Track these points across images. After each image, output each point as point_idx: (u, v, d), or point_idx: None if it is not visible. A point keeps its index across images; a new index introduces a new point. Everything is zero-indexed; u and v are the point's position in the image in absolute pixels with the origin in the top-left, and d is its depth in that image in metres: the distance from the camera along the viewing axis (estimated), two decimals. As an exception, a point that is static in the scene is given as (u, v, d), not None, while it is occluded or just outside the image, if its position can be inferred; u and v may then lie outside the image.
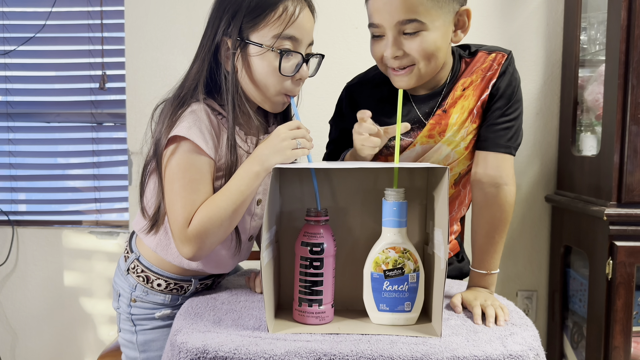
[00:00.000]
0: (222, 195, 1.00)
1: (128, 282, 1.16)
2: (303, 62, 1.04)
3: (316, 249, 0.93)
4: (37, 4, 2.12)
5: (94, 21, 2.11)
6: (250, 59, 1.03)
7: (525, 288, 2.06)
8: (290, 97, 1.08)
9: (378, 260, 0.93)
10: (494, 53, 1.15)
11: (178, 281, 1.15)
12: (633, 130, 1.57)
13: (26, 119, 2.18)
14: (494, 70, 1.13)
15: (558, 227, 1.98)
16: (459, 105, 1.14)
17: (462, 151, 1.17)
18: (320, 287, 0.94)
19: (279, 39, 1.01)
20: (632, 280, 1.59)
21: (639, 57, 1.56)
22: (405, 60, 1.07)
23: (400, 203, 0.93)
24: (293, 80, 1.05)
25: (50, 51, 2.15)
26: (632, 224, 1.59)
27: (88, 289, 2.14)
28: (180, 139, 1.00)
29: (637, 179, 1.59)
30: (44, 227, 2.14)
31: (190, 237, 0.99)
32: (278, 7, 1.00)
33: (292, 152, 0.98)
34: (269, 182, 0.89)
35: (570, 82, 1.91)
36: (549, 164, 2.01)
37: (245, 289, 1.18)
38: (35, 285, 2.15)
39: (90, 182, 2.19)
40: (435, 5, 1.02)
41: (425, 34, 1.03)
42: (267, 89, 1.05)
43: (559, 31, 1.97)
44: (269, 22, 1.00)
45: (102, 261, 2.13)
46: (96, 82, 2.14)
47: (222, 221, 0.99)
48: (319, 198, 0.99)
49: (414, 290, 0.94)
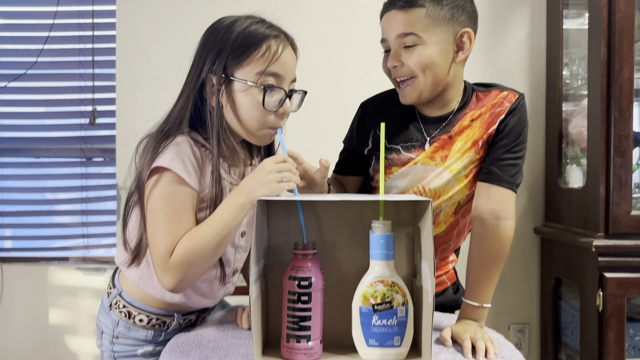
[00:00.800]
0: (206, 226, 0.99)
1: (111, 318, 1.14)
2: (286, 97, 1.06)
3: (304, 283, 0.92)
4: (30, 41, 2.14)
5: (86, 58, 2.14)
6: (234, 94, 1.05)
7: (517, 321, 2.05)
8: (276, 130, 1.09)
9: (366, 294, 0.93)
10: (507, 92, 1.19)
11: (160, 316, 1.13)
12: (617, 163, 1.60)
13: (15, 154, 2.18)
14: (504, 107, 1.16)
15: (548, 258, 1.98)
16: (464, 134, 1.17)
17: (462, 179, 1.19)
18: (308, 322, 0.93)
19: (262, 75, 1.03)
20: (622, 312, 1.59)
21: (619, 91, 1.60)
22: (404, 71, 1.13)
23: (388, 235, 0.93)
24: (276, 115, 1.07)
25: (41, 87, 2.16)
26: (620, 255, 1.60)
27: (73, 327, 2.10)
28: (163, 170, 1.01)
29: (623, 211, 1.60)
30: (30, 263, 2.11)
31: (172, 267, 0.98)
32: (261, 45, 1.03)
33: (277, 186, 0.98)
34: (254, 215, 0.89)
35: (554, 116, 1.94)
36: (537, 196, 2.03)
37: (232, 325, 1.16)
38: (20, 323, 2.11)
39: (78, 218, 2.18)
40: (433, 23, 1.10)
41: (421, 47, 1.11)
42: (252, 123, 1.06)
43: (541, 67, 2.02)
44: (252, 59, 1.03)
45: (89, 298, 2.09)
46: (86, 117, 2.15)
47: (205, 252, 0.98)
48: (305, 231, 0.99)
49: (403, 325, 0.93)
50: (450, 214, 1.23)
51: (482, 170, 1.17)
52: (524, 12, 2.02)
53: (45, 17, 2.13)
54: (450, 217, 1.24)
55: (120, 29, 2.05)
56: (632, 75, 1.60)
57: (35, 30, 2.14)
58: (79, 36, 2.14)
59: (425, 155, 1.19)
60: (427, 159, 1.19)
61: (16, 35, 2.16)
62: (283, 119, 1.09)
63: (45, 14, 2.13)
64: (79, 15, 2.14)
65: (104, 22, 2.13)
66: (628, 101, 1.60)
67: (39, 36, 2.12)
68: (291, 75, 1.08)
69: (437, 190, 1.19)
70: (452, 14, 1.11)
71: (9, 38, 2.16)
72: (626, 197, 1.60)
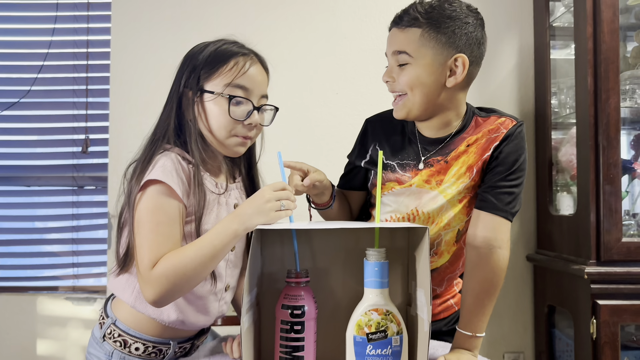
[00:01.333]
0: (193, 246, 1.00)
1: (104, 349, 1.12)
2: (254, 109, 1.12)
3: (297, 312, 0.92)
4: (24, 70, 2.15)
5: (79, 87, 2.15)
6: (205, 105, 1.12)
7: (511, 350, 2.03)
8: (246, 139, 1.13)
9: (361, 323, 0.92)
10: (505, 118, 1.18)
11: (156, 344, 1.12)
12: (607, 190, 1.62)
13: (6, 182, 2.16)
14: (500, 133, 1.15)
15: (541, 286, 1.98)
16: (461, 159, 1.17)
17: (456, 203, 1.18)
18: (301, 352, 0.92)
19: (229, 87, 1.10)
20: (616, 340, 1.59)
21: (607, 119, 1.63)
22: (396, 86, 1.16)
23: (382, 263, 0.92)
24: (245, 125, 1.12)
25: (34, 116, 2.16)
26: (612, 282, 1.61)
27: (62, 358, 2.05)
28: (152, 183, 1.04)
29: (614, 238, 1.61)
30: (18, 293, 2.08)
31: (152, 280, 0.98)
32: (230, 61, 1.12)
33: (276, 214, 0.98)
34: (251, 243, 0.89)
35: (544, 144, 1.97)
36: (528, 224, 2.04)
37: (224, 356, 1.14)
38: (7, 354, 2.06)
39: (68, 247, 2.15)
40: (427, 44, 1.12)
41: (411, 67, 1.13)
42: (220, 131, 1.11)
43: (530, 96, 2.05)
44: (221, 73, 1.11)
45: (78, 328, 2.05)
46: (79, 146, 2.15)
47: (186, 271, 0.98)
48: (298, 259, 0.98)
49: (397, 354, 0.92)
50: (452, 242, 1.22)
51: (478, 197, 1.17)
52: (512, 43, 2.07)
53: (39, 47, 2.14)
54: (452, 246, 1.22)
55: (114, 59, 2.07)
56: (619, 104, 1.63)
57: (30, 60, 2.15)
58: (73, 65, 2.15)
59: (421, 178, 1.19)
60: (423, 182, 1.19)
61: (10, 64, 2.17)
62: (252, 131, 1.14)
63: (40, 44, 2.15)
64: (74, 45, 2.16)
65: (98, 52, 2.15)
66: (615, 129, 1.63)
67: (33, 65, 2.14)
68: (259, 90, 1.14)
69: (431, 214, 1.19)
70: (449, 37, 1.11)
71: (3, 67, 2.17)
72: (616, 224, 1.61)
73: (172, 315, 1.10)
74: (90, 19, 2.16)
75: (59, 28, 2.15)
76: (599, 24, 1.64)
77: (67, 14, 2.15)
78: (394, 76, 1.16)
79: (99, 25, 2.16)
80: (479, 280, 1.12)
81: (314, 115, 2.03)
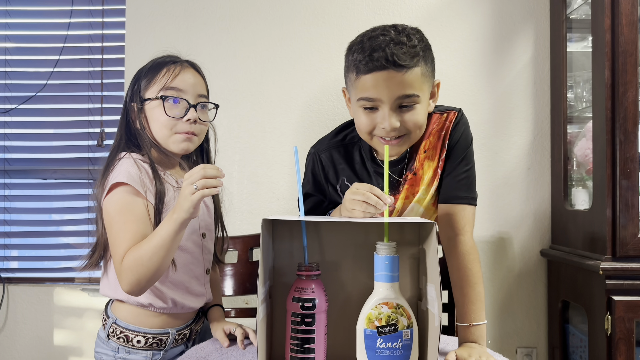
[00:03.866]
0: (148, 239, 1.11)
1: (110, 347, 1.23)
2: (190, 107, 1.23)
3: (308, 305, 0.92)
4: (40, 64, 2.18)
5: (94, 81, 2.17)
6: (146, 112, 1.26)
7: (524, 345, 2.02)
8: (188, 135, 1.24)
9: (371, 317, 0.92)
10: (446, 113, 1.21)
11: (156, 334, 1.23)
12: (624, 185, 1.59)
13: (23, 175, 2.20)
14: (447, 128, 1.19)
15: (555, 281, 1.96)
16: (425, 165, 1.20)
17: (430, 207, 1.23)
18: (312, 344, 0.92)
19: (162, 89, 1.24)
20: (632, 336, 1.57)
21: (624, 113, 1.60)
22: (401, 130, 1.12)
23: (392, 257, 0.93)
24: (185, 122, 1.23)
25: (50, 109, 2.19)
26: (628, 278, 1.59)
27: (78, 348, 2.09)
28: (115, 186, 1.16)
29: (630, 233, 1.59)
30: (35, 284, 2.11)
31: (122, 272, 1.11)
32: (162, 69, 1.26)
33: (192, 197, 1.05)
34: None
35: (559, 138, 1.95)
36: (543, 219, 2.02)
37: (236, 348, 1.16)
38: (25, 344, 2.10)
39: (84, 239, 2.18)
40: (426, 80, 1.11)
41: (418, 106, 1.11)
42: (162, 131, 1.24)
43: (546, 89, 2.03)
44: (156, 81, 1.25)
45: (93, 319, 2.09)
46: (94, 139, 2.17)
47: (144, 262, 1.09)
48: (307, 252, 0.99)
49: (407, 348, 0.92)
50: None
51: (439, 192, 1.21)
52: (527, 36, 2.04)
53: (55, 41, 2.17)
54: None
55: (129, 52, 2.09)
56: (637, 98, 1.61)
57: (46, 54, 2.18)
58: (88, 59, 2.17)
59: (402, 198, 1.22)
60: (403, 200, 1.22)
61: (26, 59, 2.20)
62: (194, 126, 1.24)
63: (56, 38, 2.17)
64: (89, 39, 2.18)
65: (113, 46, 2.17)
66: (633, 123, 1.60)
67: (49, 59, 2.16)
68: (194, 90, 1.26)
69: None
70: (432, 67, 1.14)
71: (19, 61, 2.20)
72: (633, 219, 1.59)
73: (162, 301, 1.22)
74: (105, 13, 2.17)
75: (74, 22, 2.17)
76: (617, 16, 1.61)
77: (82, 8, 2.17)
78: (400, 121, 1.11)
79: (113, 19, 2.17)
80: (453, 272, 1.16)
81: (327, 109, 2.03)
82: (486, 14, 2.04)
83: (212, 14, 2.08)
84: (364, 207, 0.97)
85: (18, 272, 2.19)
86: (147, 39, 2.08)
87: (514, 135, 2.03)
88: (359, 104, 1.12)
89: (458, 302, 1.14)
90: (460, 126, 1.20)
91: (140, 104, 1.26)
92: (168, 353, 1.25)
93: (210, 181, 1.05)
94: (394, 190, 1.22)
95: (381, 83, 1.07)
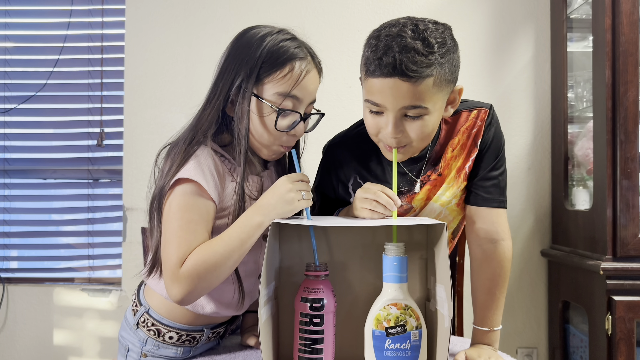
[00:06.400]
0: (220, 240, 0.99)
1: (138, 336, 1.13)
2: (300, 120, 1.08)
3: (316, 305, 0.92)
4: (40, 64, 2.17)
5: (94, 80, 2.16)
6: (252, 107, 1.06)
7: (525, 345, 2.03)
8: (288, 148, 1.10)
9: (379, 317, 0.92)
10: (476, 110, 1.13)
11: (190, 332, 1.12)
12: (624, 185, 1.60)
13: (23, 175, 2.19)
14: (478, 127, 1.12)
15: (555, 282, 1.97)
16: (451, 166, 1.14)
17: (454, 207, 1.17)
18: (320, 344, 0.92)
19: (281, 95, 1.04)
20: (632, 336, 1.58)
21: (625, 113, 1.61)
22: (403, 139, 1.04)
23: (401, 258, 0.92)
24: (288, 135, 1.08)
25: (49, 109, 2.18)
26: (629, 278, 1.59)
27: (78, 348, 2.08)
28: (185, 181, 1.01)
29: (631, 233, 1.60)
30: (35, 284, 2.11)
31: (181, 278, 0.97)
32: (285, 66, 1.04)
33: (298, 203, 0.98)
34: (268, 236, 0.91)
35: (560, 138, 1.95)
36: (543, 219, 2.03)
37: (243, 348, 1.16)
38: (24, 344, 2.09)
39: (84, 239, 2.17)
40: (439, 91, 1.00)
41: (427, 117, 1.02)
42: (263, 139, 1.08)
43: (546, 89, 2.04)
44: (274, 78, 1.04)
45: (93, 319, 2.08)
46: (94, 139, 2.16)
47: (217, 266, 0.97)
48: (316, 253, 0.99)
49: (416, 349, 0.92)
50: (450, 239, 1.22)
51: (470, 194, 1.14)
52: (528, 36, 2.05)
53: (55, 41, 2.16)
54: (450, 243, 1.22)
55: (128, 52, 2.08)
56: (638, 98, 1.61)
57: (45, 54, 2.17)
58: (88, 59, 2.16)
59: (420, 198, 1.15)
60: (423, 200, 1.16)
61: (26, 58, 2.19)
62: (296, 138, 1.11)
63: (55, 38, 2.16)
64: (89, 39, 2.17)
65: (112, 46, 2.16)
66: (634, 123, 1.61)
67: (49, 59, 2.15)
68: (310, 98, 1.09)
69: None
70: (452, 73, 1.02)
71: (19, 61, 2.19)
72: (633, 219, 1.60)
73: (207, 307, 1.10)
74: (105, 13, 2.17)
75: (74, 22, 2.16)
76: (618, 16, 1.62)
77: (82, 8, 2.16)
78: (403, 130, 1.03)
79: (113, 19, 2.17)
80: (488, 276, 1.12)
81: (326, 109, 2.02)
82: (487, 14, 2.05)
83: (212, 14, 2.07)
84: (373, 205, 0.95)
85: (18, 272, 2.18)
86: (147, 39, 2.07)
87: (515, 135, 2.04)
88: (366, 104, 1.07)
89: (483, 306, 1.11)
90: (492, 125, 1.12)
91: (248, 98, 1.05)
92: (198, 349, 1.16)
93: (312, 195, 1.00)
94: (411, 189, 1.16)
95: (387, 90, 0.99)
